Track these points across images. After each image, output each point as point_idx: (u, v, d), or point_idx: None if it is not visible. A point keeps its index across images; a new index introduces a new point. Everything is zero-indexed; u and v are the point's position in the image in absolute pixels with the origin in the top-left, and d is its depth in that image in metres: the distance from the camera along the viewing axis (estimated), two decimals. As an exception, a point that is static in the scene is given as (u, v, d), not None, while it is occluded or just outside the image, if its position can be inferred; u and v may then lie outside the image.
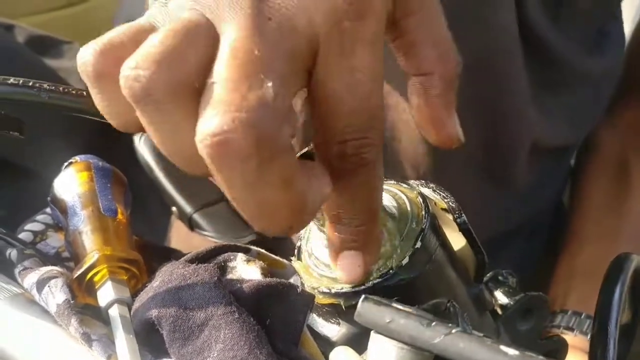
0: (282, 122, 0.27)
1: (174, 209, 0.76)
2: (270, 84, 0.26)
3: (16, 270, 0.41)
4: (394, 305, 0.28)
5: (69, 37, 1.42)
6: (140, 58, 0.28)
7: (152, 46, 0.28)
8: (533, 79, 0.62)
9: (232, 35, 0.27)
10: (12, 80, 0.35)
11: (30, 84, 0.36)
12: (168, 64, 0.27)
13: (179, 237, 0.83)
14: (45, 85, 0.36)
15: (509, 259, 0.73)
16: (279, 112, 0.26)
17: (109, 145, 1.21)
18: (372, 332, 0.29)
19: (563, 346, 0.49)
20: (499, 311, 0.45)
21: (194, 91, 0.27)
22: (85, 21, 1.77)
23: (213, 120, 0.26)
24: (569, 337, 0.65)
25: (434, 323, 0.26)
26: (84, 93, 0.37)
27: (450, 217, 0.42)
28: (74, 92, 0.37)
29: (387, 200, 0.40)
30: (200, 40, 0.28)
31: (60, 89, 0.36)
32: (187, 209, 0.75)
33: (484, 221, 0.68)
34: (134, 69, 0.27)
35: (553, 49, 0.61)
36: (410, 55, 0.35)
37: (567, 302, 0.68)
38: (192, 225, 0.75)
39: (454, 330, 0.26)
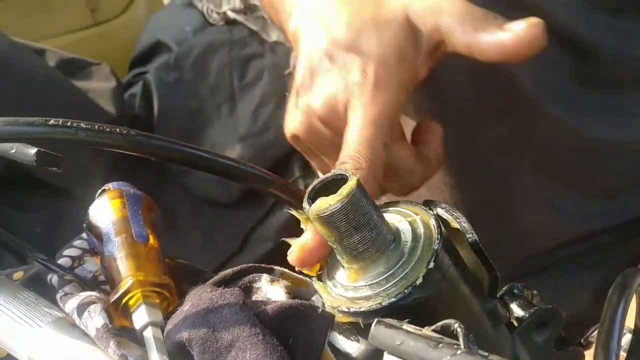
0: None
1: None
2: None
3: (58, 296, 0.44)
4: (405, 327, 0.30)
5: (95, 56, 1.47)
6: None
7: None
8: (570, 78, 0.59)
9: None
10: (52, 121, 0.38)
11: (69, 124, 0.38)
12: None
13: None
14: (82, 125, 0.38)
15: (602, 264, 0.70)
16: None
17: (137, 166, 1.25)
18: (384, 353, 0.31)
19: (579, 357, 0.50)
20: (515, 323, 0.46)
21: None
22: (110, 41, 1.82)
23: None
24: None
25: (440, 344, 0.28)
26: (117, 130, 0.40)
27: (463, 236, 0.44)
28: (108, 129, 0.39)
29: (400, 222, 0.42)
30: None
31: (96, 127, 0.39)
32: None
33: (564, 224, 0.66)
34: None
35: (591, 46, 0.57)
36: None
37: None
38: None
39: (459, 352, 0.28)
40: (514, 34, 0.43)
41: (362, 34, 0.46)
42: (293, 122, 0.51)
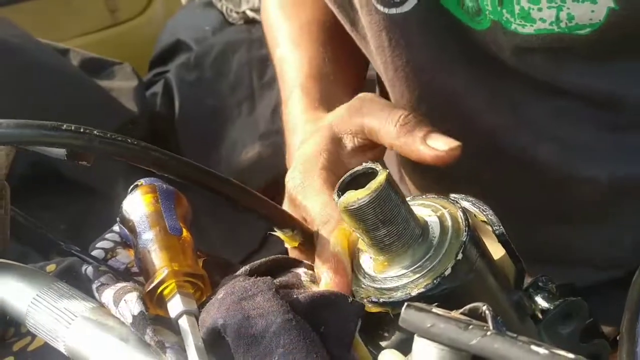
0: None
1: None
2: None
3: (94, 286, 0.46)
4: (434, 310, 0.31)
5: (115, 55, 1.49)
6: None
7: None
8: (597, 131, 0.59)
9: None
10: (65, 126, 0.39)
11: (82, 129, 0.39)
12: None
13: None
14: (95, 132, 0.39)
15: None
16: None
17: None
18: (415, 336, 0.32)
19: (605, 349, 0.51)
20: (540, 316, 0.47)
21: None
22: (129, 40, 1.84)
23: None
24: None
25: (470, 326, 0.29)
26: (128, 140, 0.41)
27: (490, 228, 0.45)
28: (120, 139, 0.40)
29: (429, 215, 0.43)
30: None
31: (108, 135, 0.40)
32: None
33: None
34: None
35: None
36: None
37: None
38: None
39: (488, 332, 0.29)
40: (435, 154, 0.50)
41: (293, 157, 0.57)
42: None
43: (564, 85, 0.57)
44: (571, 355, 0.27)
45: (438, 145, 0.50)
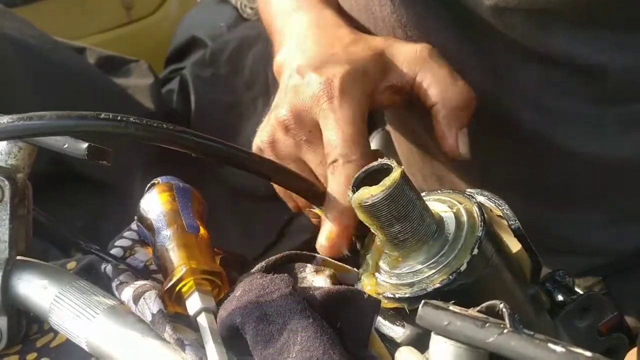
0: None
1: None
2: None
3: (113, 284, 0.46)
4: (451, 308, 0.31)
5: (130, 52, 1.49)
6: None
7: None
8: (582, 101, 0.59)
9: None
10: (103, 115, 0.40)
11: (119, 117, 0.40)
12: None
13: None
14: (131, 119, 0.40)
15: None
16: None
17: (177, 160, 1.27)
18: (432, 334, 0.32)
19: (623, 343, 0.51)
20: (557, 310, 0.47)
21: None
22: (144, 38, 1.85)
23: None
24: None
25: (487, 324, 0.29)
26: (164, 126, 0.41)
27: (506, 223, 0.45)
28: (156, 125, 0.41)
29: (445, 211, 0.43)
30: None
31: (144, 122, 0.41)
32: None
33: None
34: None
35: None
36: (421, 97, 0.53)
37: None
38: None
39: (505, 330, 0.29)
40: (452, 149, 0.53)
41: (330, 59, 0.53)
42: (260, 136, 0.56)
43: (547, 51, 0.56)
44: (588, 354, 0.27)
45: (461, 145, 0.54)
